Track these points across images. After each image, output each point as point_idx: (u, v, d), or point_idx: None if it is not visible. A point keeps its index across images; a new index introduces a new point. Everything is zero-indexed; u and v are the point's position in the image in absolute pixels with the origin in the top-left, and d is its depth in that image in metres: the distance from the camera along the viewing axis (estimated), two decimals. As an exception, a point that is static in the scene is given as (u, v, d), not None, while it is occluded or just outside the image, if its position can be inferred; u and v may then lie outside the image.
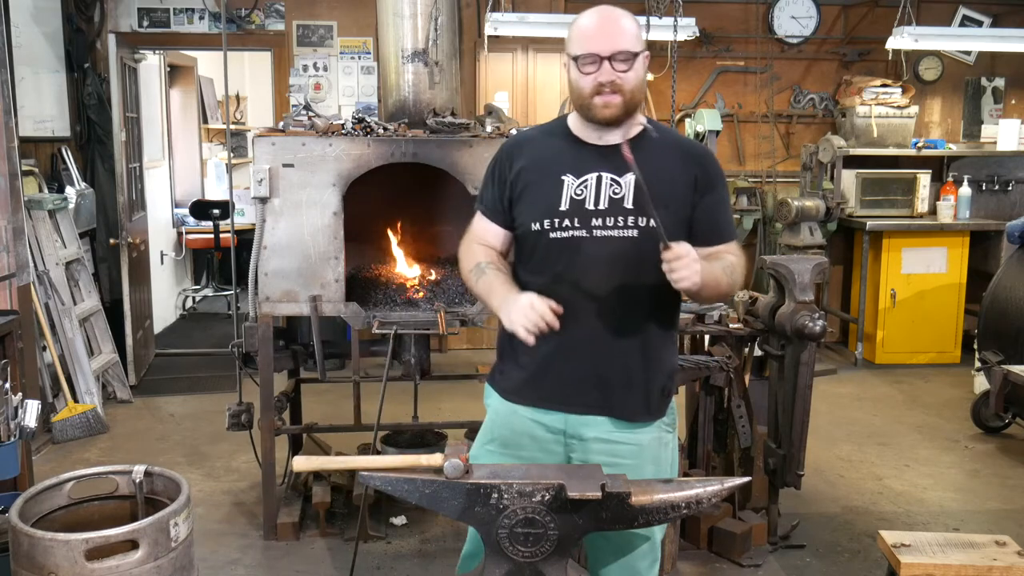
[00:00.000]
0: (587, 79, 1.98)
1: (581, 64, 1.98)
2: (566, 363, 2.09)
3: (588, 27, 2.00)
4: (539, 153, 2.12)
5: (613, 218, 2.02)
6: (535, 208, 2.08)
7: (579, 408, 2.11)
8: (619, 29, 1.99)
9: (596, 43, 1.97)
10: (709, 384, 3.56)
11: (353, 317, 3.48)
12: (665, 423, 2.17)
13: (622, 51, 1.96)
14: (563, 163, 2.07)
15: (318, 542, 3.65)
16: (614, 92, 1.98)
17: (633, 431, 2.11)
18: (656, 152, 2.06)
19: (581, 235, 2.03)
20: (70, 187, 5.64)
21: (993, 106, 6.97)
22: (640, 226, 2.01)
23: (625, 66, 1.97)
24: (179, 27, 6.17)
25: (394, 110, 3.74)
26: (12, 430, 2.64)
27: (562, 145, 2.11)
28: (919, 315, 6.31)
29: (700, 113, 5.90)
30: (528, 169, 2.10)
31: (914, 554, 2.49)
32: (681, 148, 2.12)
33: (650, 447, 2.12)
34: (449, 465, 1.79)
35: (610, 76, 1.97)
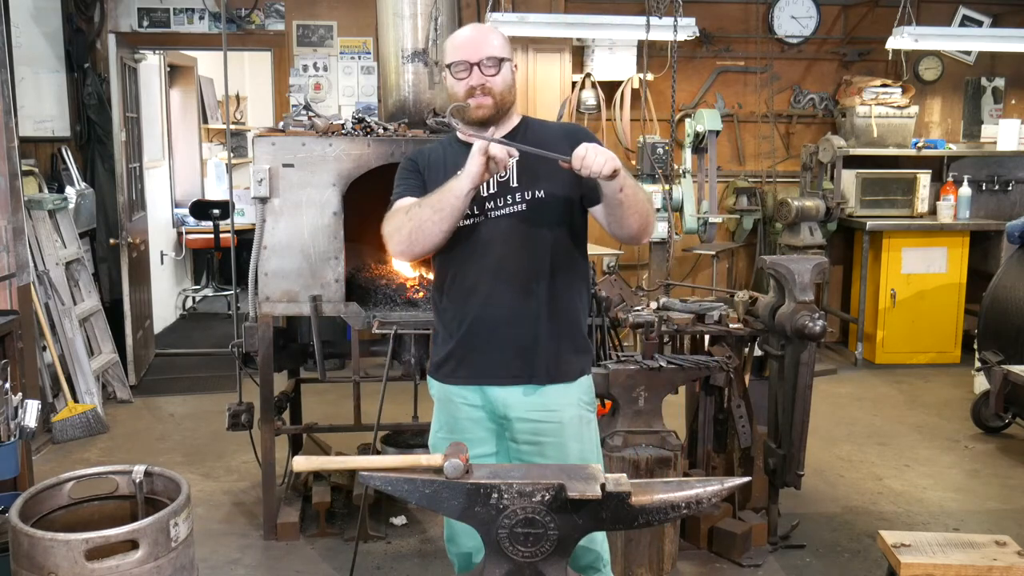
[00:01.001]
0: (460, 84, 2.24)
1: (454, 70, 2.24)
2: (483, 339, 2.29)
3: (460, 39, 2.29)
4: (436, 160, 2.36)
5: (503, 198, 2.26)
6: None
7: (498, 379, 2.29)
8: (486, 39, 2.25)
9: (465, 51, 2.24)
10: (709, 384, 3.56)
11: (353, 317, 3.48)
12: (584, 401, 2.34)
13: (489, 57, 2.22)
14: (455, 163, 2.23)
15: (318, 542, 3.65)
16: (484, 94, 2.23)
17: (552, 410, 2.28)
18: (534, 136, 2.28)
19: (479, 220, 2.26)
20: (70, 187, 5.64)
21: (993, 106, 6.97)
22: (527, 199, 2.25)
23: (493, 70, 2.23)
24: (179, 27, 6.16)
25: (394, 110, 3.74)
26: (12, 430, 2.64)
27: (453, 150, 2.34)
28: (919, 315, 6.31)
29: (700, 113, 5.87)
30: (429, 171, 2.34)
31: (914, 554, 2.49)
32: (556, 129, 2.39)
33: (571, 424, 2.29)
34: (449, 465, 1.79)
35: (479, 80, 2.22)
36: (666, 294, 4.10)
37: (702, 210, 5.02)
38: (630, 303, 3.71)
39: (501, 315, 2.26)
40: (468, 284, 2.28)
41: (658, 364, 3.34)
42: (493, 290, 2.26)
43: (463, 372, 2.32)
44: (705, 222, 4.97)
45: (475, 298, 2.28)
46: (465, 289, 2.29)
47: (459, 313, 2.31)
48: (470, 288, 2.28)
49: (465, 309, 2.29)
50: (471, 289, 2.28)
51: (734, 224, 6.77)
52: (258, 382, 3.57)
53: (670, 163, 4.99)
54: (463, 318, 2.29)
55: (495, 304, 2.26)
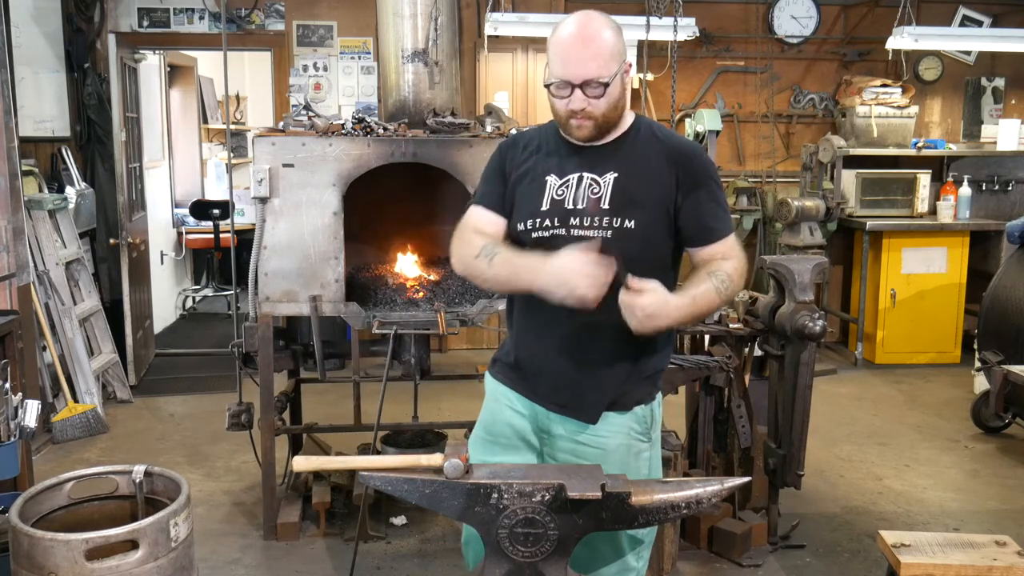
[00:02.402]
0: (560, 103, 2.01)
1: (554, 89, 2.00)
2: (540, 361, 2.13)
3: (563, 48, 1.98)
4: (530, 154, 2.14)
5: (590, 218, 2.03)
6: (521, 209, 2.11)
7: (548, 404, 2.13)
8: (592, 53, 1.95)
9: (568, 69, 1.96)
10: (709, 384, 3.56)
11: (353, 317, 3.48)
12: (636, 431, 2.13)
13: (592, 79, 1.95)
14: (549, 164, 2.10)
15: (318, 542, 3.65)
16: (585, 118, 2.00)
17: (600, 436, 2.10)
18: (639, 151, 2.07)
19: (560, 234, 2.04)
20: (70, 187, 5.64)
21: (993, 106, 6.97)
22: (615, 227, 2.02)
23: (597, 92, 1.96)
24: (179, 27, 6.17)
25: (394, 110, 3.74)
26: (12, 430, 2.64)
27: (551, 146, 2.13)
28: (919, 315, 6.31)
29: (700, 113, 5.90)
30: (520, 169, 2.14)
31: (914, 554, 2.49)
32: (666, 147, 2.09)
33: (616, 452, 2.10)
34: (449, 465, 1.79)
35: (581, 104, 1.97)
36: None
37: (702, 210, 5.02)
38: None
39: (563, 345, 2.08)
40: (536, 300, 2.00)
41: (658, 364, 3.33)
42: (559, 316, 2.01)
43: (517, 380, 2.18)
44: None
45: (540, 317, 2.08)
46: (533, 304, 2.05)
47: (523, 325, 2.16)
48: (537, 306, 2.02)
49: (529, 325, 2.14)
50: (538, 307, 2.03)
51: (734, 224, 6.75)
52: (258, 382, 3.57)
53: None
54: (526, 333, 2.15)
55: (559, 331, 2.08)
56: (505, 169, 2.16)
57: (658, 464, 2.22)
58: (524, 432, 2.17)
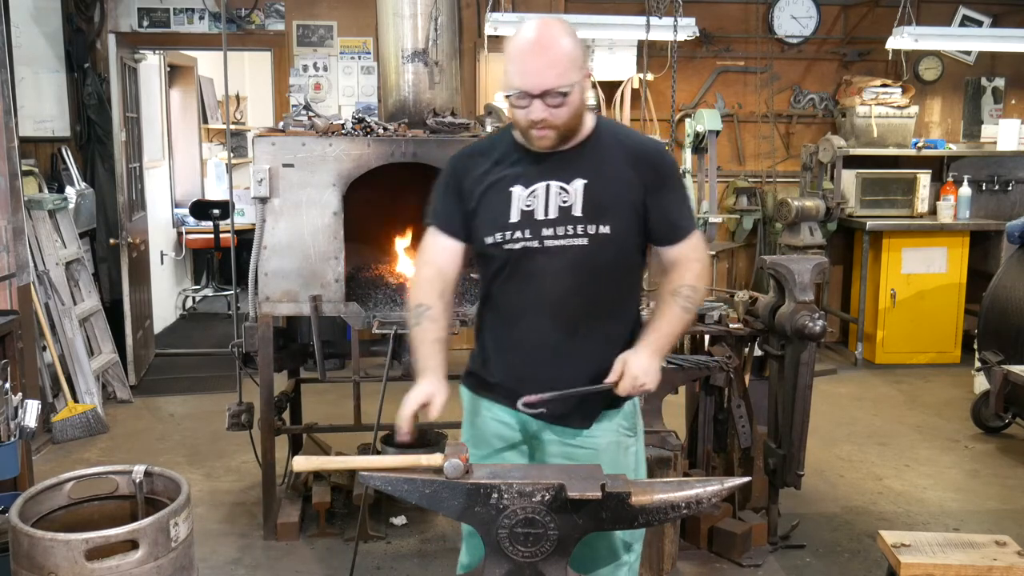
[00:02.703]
0: (520, 112, 1.96)
1: (513, 99, 1.95)
2: (520, 373, 2.09)
3: (520, 58, 1.94)
4: (491, 165, 2.09)
5: (563, 227, 2.01)
6: (488, 222, 2.07)
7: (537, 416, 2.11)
8: (550, 62, 1.91)
9: (526, 79, 1.92)
10: (709, 384, 3.56)
11: (353, 317, 3.48)
12: (624, 427, 2.15)
13: (551, 89, 1.91)
14: (513, 174, 2.06)
15: (318, 542, 3.65)
16: (546, 128, 1.96)
17: (591, 435, 2.12)
18: (604, 155, 2.05)
19: (533, 246, 2.02)
20: (70, 187, 5.64)
21: (993, 106, 6.97)
22: (590, 233, 2.01)
23: (556, 101, 1.92)
24: (179, 27, 6.16)
25: (394, 110, 3.74)
26: (12, 430, 2.64)
27: (512, 156, 2.08)
28: (919, 315, 6.31)
29: (700, 113, 5.89)
30: (480, 183, 2.08)
31: (914, 554, 2.49)
32: (630, 150, 2.07)
33: (607, 451, 2.11)
34: (449, 465, 1.79)
35: (541, 114, 1.93)
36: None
37: (702, 210, 5.03)
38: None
39: (543, 356, 2.07)
40: (512, 312, 2.08)
41: (658, 364, 3.33)
42: (538, 326, 2.06)
43: (497, 392, 2.14)
44: (705, 222, 4.97)
45: (517, 331, 2.09)
46: (509, 316, 2.10)
47: (499, 339, 2.13)
48: (514, 317, 2.08)
49: (506, 337, 2.12)
50: (515, 319, 2.08)
51: (734, 224, 6.77)
52: (258, 382, 3.57)
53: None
54: (502, 346, 2.12)
55: (539, 342, 2.07)
56: (462, 185, 2.11)
57: (642, 457, 2.24)
58: (512, 440, 2.17)
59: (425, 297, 2.10)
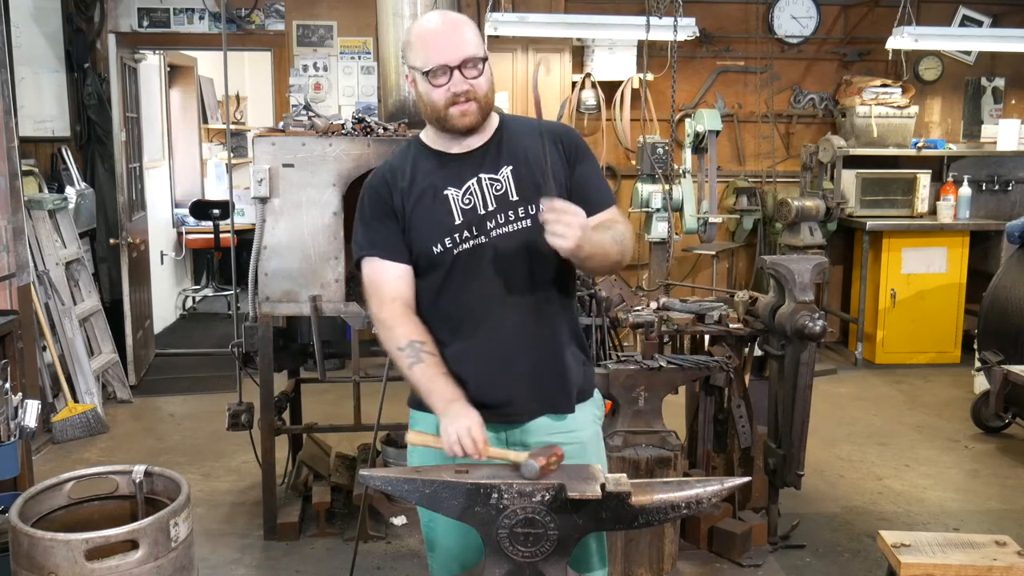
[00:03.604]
0: (439, 91, 1.94)
1: (431, 77, 1.93)
2: (496, 375, 2.03)
3: (432, 38, 1.94)
4: (412, 177, 2.06)
5: (503, 214, 2.00)
6: (430, 231, 2.02)
7: (520, 416, 2.06)
8: (462, 36, 1.94)
9: (443, 54, 1.92)
10: (709, 384, 3.56)
11: (353, 317, 3.48)
12: (597, 416, 2.19)
13: (470, 58, 1.92)
14: (439, 178, 2.03)
15: (318, 542, 3.65)
16: (469, 100, 1.95)
17: (574, 431, 2.08)
18: (518, 142, 2.06)
19: (480, 242, 2.01)
20: (70, 187, 5.64)
21: (993, 106, 6.97)
22: (531, 214, 1.99)
23: (475, 72, 1.94)
24: (179, 27, 6.16)
25: (394, 110, 3.74)
26: (12, 430, 2.64)
27: (429, 164, 2.06)
28: (919, 315, 6.31)
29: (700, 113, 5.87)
30: (408, 195, 2.04)
31: (914, 554, 2.49)
32: (541, 129, 2.07)
33: (591, 442, 2.12)
34: (526, 466, 1.81)
35: (463, 85, 1.94)
36: (666, 294, 4.11)
37: (702, 210, 5.03)
38: (630, 303, 3.71)
39: (516, 345, 2.02)
40: (472, 315, 2.01)
41: (658, 364, 3.34)
42: (503, 319, 2.01)
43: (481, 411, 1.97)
44: (705, 222, 4.97)
45: (482, 331, 2.02)
46: (467, 323, 2.03)
47: (461, 349, 2.03)
48: (476, 319, 2.01)
49: (469, 343, 2.03)
50: (476, 320, 2.02)
51: (734, 224, 6.77)
52: (258, 382, 3.57)
53: (670, 163, 4.99)
54: (468, 354, 2.02)
55: (507, 333, 2.02)
56: (392, 204, 2.05)
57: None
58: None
59: (413, 333, 2.01)
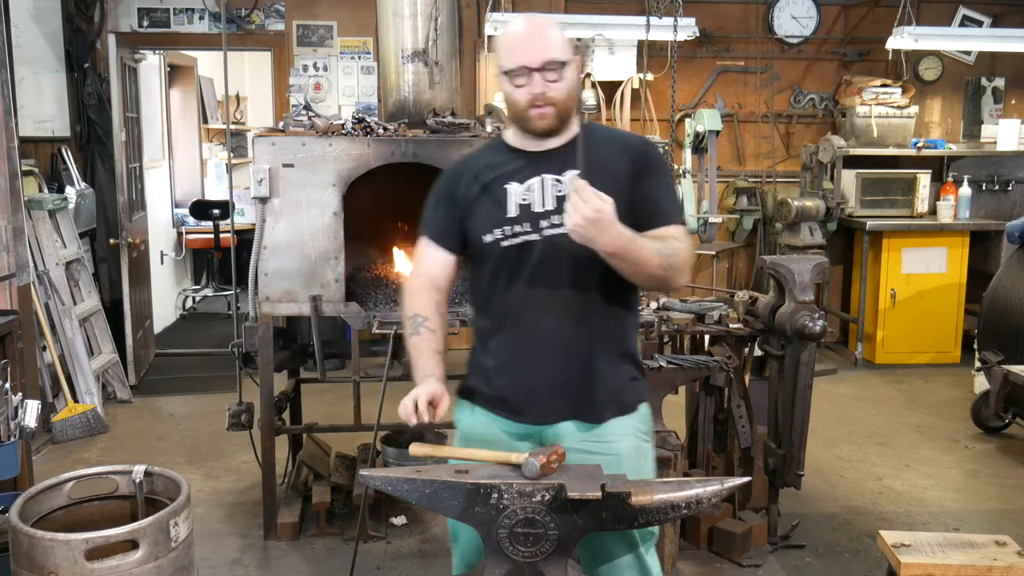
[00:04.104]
0: (520, 92, 2.01)
1: (512, 78, 2.01)
2: (530, 370, 2.09)
3: (516, 40, 2.02)
4: (481, 169, 2.14)
5: (560, 216, 1.99)
6: (485, 221, 2.09)
7: (547, 418, 2.10)
8: (546, 40, 2.00)
9: (525, 55, 1.99)
10: (709, 384, 3.56)
11: (353, 317, 3.48)
12: (641, 431, 2.14)
13: (550, 61, 1.98)
14: (506, 173, 2.10)
15: (318, 542, 3.65)
16: (546, 104, 2.01)
17: (609, 441, 2.08)
18: (592, 150, 2.05)
19: (532, 239, 2.05)
20: (70, 187, 5.64)
21: (993, 106, 6.97)
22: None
23: (555, 75, 1.99)
24: (179, 27, 6.17)
25: (394, 110, 3.74)
26: (12, 430, 2.64)
27: (503, 158, 2.13)
28: (919, 315, 6.31)
29: (700, 113, 5.89)
30: (474, 186, 2.13)
31: (914, 554, 2.49)
32: (617, 142, 2.13)
33: (628, 455, 2.09)
34: (527, 464, 1.81)
35: (541, 87, 1.99)
36: (666, 294, 4.10)
37: (702, 210, 5.03)
38: (630, 303, 3.70)
39: (549, 348, 2.06)
40: (514, 310, 2.07)
41: (658, 364, 3.34)
42: (541, 319, 2.06)
43: (509, 406, 2.11)
44: (705, 222, 4.97)
45: (522, 328, 2.08)
46: (511, 318, 2.09)
47: (503, 341, 2.11)
48: (516, 315, 2.07)
49: (511, 338, 2.10)
50: (517, 316, 2.07)
51: (734, 224, 6.77)
52: (258, 382, 3.57)
53: (670, 163, 5.00)
54: (507, 348, 2.10)
55: (543, 334, 2.06)
56: (456, 193, 2.15)
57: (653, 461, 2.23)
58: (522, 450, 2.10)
59: (421, 308, 2.13)
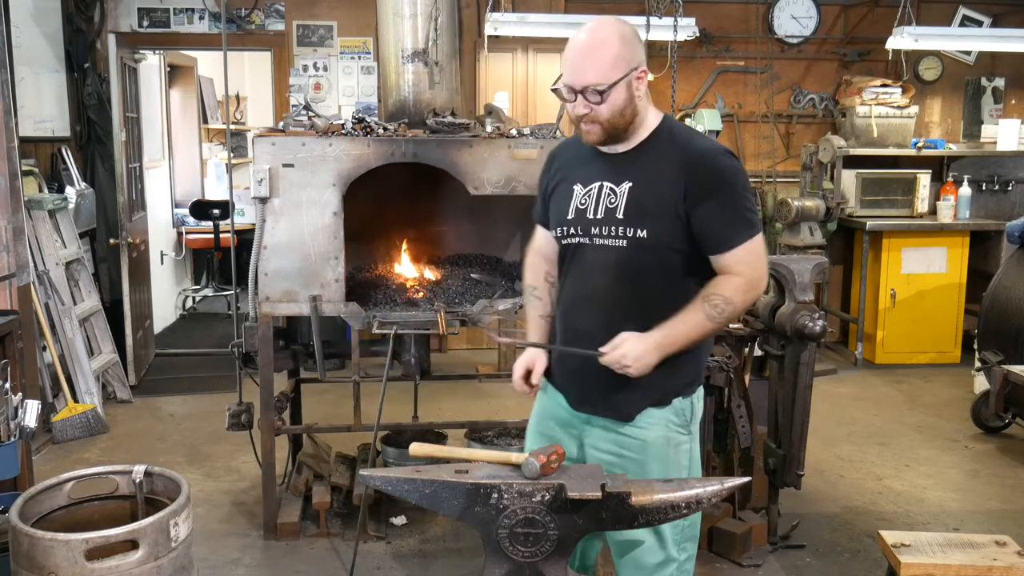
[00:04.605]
0: (568, 106, 2.10)
1: (562, 94, 2.08)
2: (567, 363, 2.22)
3: (570, 55, 2.05)
4: (564, 162, 2.27)
5: (608, 227, 2.10)
6: (554, 216, 2.24)
7: (580, 405, 2.21)
8: (593, 61, 2.00)
9: (570, 76, 2.04)
10: (709, 384, 3.55)
11: (353, 317, 3.48)
12: (674, 423, 2.15)
13: (588, 87, 2.00)
14: (577, 173, 2.19)
15: (318, 542, 3.65)
16: (591, 122, 2.06)
17: (637, 426, 2.13)
18: (656, 159, 2.09)
19: (584, 242, 2.15)
20: (70, 187, 5.64)
21: (993, 106, 6.97)
22: (628, 236, 2.07)
23: (597, 98, 2.01)
24: (179, 27, 6.17)
25: (394, 110, 3.74)
26: (12, 430, 2.64)
27: (582, 154, 2.20)
28: (919, 315, 6.31)
29: (700, 113, 5.90)
30: (555, 178, 2.26)
31: (914, 554, 2.49)
32: (682, 154, 2.08)
33: (655, 444, 2.12)
34: (527, 464, 1.83)
35: (583, 109, 2.04)
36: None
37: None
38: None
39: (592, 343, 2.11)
40: (565, 302, 2.22)
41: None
42: (581, 319, 2.17)
43: (558, 379, 2.27)
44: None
45: (568, 320, 2.21)
46: (564, 307, 2.24)
47: (557, 328, 2.27)
48: (566, 308, 2.22)
49: (560, 326, 2.25)
50: (567, 309, 2.22)
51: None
52: (258, 382, 3.57)
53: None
54: (557, 334, 2.27)
55: (580, 335, 2.16)
56: (545, 180, 2.31)
57: (697, 457, 2.24)
58: (566, 423, 2.25)
59: (532, 279, 2.37)
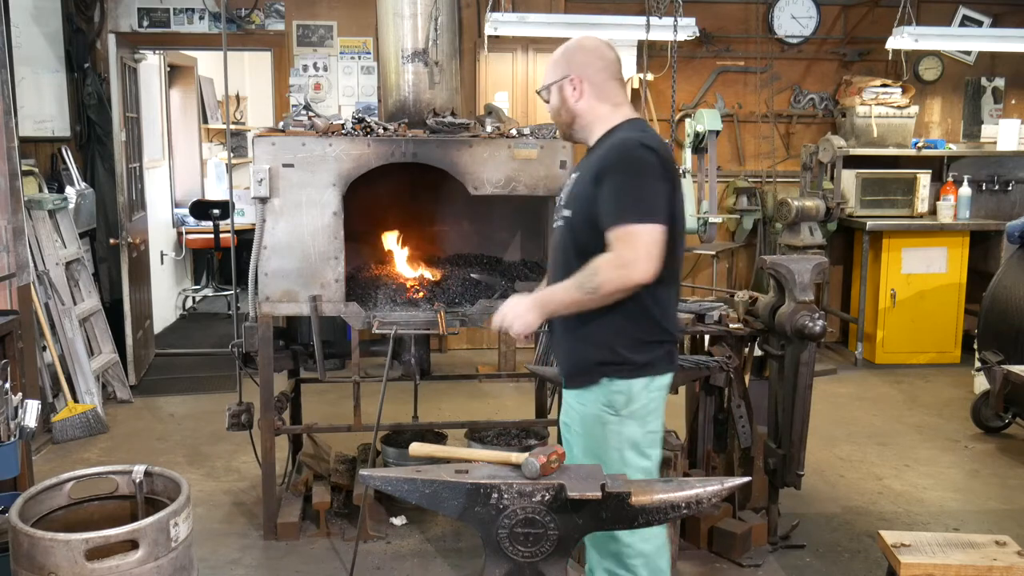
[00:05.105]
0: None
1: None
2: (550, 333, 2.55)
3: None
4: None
5: (558, 211, 2.44)
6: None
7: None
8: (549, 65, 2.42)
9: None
10: (709, 384, 3.56)
11: (353, 317, 3.48)
12: (603, 403, 2.31)
13: (542, 87, 2.45)
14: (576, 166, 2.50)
15: (318, 542, 3.65)
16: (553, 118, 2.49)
17: (576, 399, 2.37)
18: (595, 152, 2.38)
19: (557, 225, 2.44)
20: (70, 187, 5.64)
21: (993, 106, 6.97)
22: (565, 217, 2.38)
23: (547, 96, 2.44)
24: (179, 27, 6.17)
25: (394, 110, 3.74)
26: (12, 430, 2.64)
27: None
28: (919, 315, 6.31)
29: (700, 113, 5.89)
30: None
31: (914, 554, 2.49)
32: (604, 148, 2.34)
33: (587, 420, 2.33)
34: (527, 464, 1.84)
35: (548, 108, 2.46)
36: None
37: (702, 210, 5.03)
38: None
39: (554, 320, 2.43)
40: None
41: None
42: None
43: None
44: (705, 222, 4.97)
45: None
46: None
47: None
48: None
49: None
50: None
51: (734, 224, 6.77)
52: (258, 382, 3.57)
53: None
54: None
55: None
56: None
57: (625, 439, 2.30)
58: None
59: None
